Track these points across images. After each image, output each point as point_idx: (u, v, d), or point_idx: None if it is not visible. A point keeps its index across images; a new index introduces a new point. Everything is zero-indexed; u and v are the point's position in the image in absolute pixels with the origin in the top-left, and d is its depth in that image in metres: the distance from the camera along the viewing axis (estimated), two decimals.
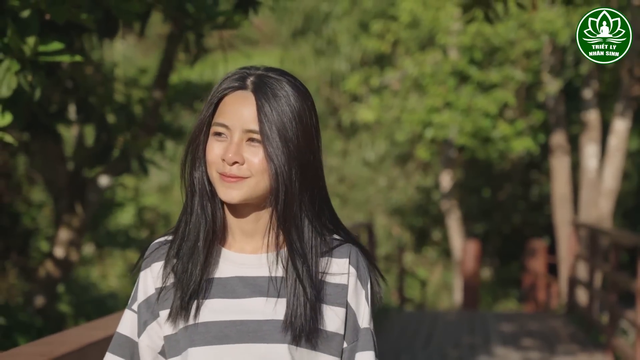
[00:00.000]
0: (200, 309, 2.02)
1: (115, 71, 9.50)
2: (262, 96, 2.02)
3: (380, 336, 11.41)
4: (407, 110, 16.60)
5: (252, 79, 2.03)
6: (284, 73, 2.08)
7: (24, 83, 3.78)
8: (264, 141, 2.00)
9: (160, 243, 2.10)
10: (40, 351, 2.55)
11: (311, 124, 2.06)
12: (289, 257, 2.03)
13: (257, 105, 2.01)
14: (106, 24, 4.23)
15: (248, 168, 2.01)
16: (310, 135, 2.05)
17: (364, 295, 2.09)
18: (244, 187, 2.01)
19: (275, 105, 2.02)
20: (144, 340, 2.06)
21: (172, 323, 2.03)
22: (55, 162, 7.40)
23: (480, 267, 19.56)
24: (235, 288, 2.03)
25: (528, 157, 20.18)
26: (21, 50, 3.76)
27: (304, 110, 2.05)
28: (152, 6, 4.31)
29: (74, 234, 7.38)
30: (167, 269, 2.05)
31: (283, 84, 2.04)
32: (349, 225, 15.21)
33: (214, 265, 2.06)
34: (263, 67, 2.08)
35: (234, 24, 4.53)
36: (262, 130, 2.00)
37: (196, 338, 2.00)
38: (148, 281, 2.08)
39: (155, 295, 2.06)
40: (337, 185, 22.53)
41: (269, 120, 2.01)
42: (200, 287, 2.02)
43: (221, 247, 2.08)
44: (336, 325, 2.05)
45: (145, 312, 2.06)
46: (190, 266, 2.03)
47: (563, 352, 10.59)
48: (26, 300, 7.72)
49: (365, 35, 19.53)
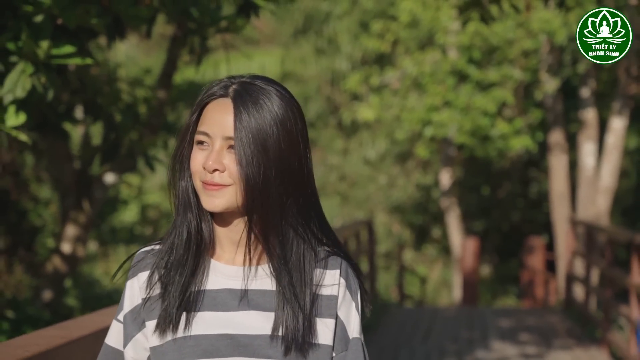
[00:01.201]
0: (190, 321, 1.98)
1: (119, 71, 9.69)
2: (241, 103, 2.00)
3: (380, 331, 11.60)
4: (407, 109, 16.78)
5: (235, 87, 2.02)
6: (271, 81, 2.06)
7: (38, 85, 3.97)
8: (236, 147, 1.97)
9: (147, 252, 2.06)
10: (59, 334, 2.75)
11: (296, 130, 2.02)
12: (274, 269, 2.00)
13: (234, 112, 1.99)
14: (114, 27, 4.43)
15: (229, 175, 1.98)
16: (295, 142, 2.02)
17: (354, 306, 2.07)
18: (226, 195, 1.98)
19: (254, 112, 1.99)
20: (128, 351, 2.02)
21: (159, 334, 1.99)
22: (62, 160, 7.61)
23: (480, 265, 19.74)
24: (226, 301, 2.00)
25: (527, 155, 20.35)
26: (35, 54, 3.96)
27: (287, 117, 2.02)
28: (158, 11, 4.51)
29: (81, 230, 7.59)
30: (153, 279, 2.02)
31: (266, 91, 2.02)
32: (349, 223, 15.40)
33: (204, 277, 2.02)
34: (249, 75, 2.06)
35: (237, 27, 4.73)
36: (236, 136, 1.97)
37: (186, 352, 1.97)
38: (134, 291, 2.04)
39: (141, 305, 2.02)
40: (337, 183, 22.72)
41: (245, 126, 1.98)
42: (189, 300, 1.99)
43: (210, 259, 2.05)
44: (326, 337, 2.02)
45: (131, 323, 2.03)
46: (177, 277, 2.00)
47: (559, 346, 10.77)
48: (34, 295, 7.93)
49: (365, 35, 19.71)
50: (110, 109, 6.63)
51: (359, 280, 2.09)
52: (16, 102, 4.06)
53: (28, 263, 9.87)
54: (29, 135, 5.54)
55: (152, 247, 2.07)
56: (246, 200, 1.99)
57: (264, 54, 22.86)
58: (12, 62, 4.07)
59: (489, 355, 10.24)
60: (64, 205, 7.82)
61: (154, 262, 2.04)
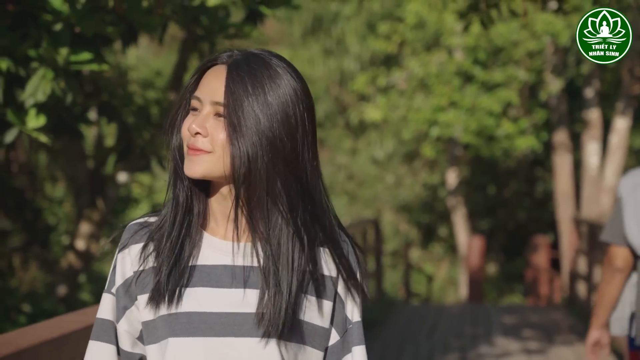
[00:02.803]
0: (182, 297, 1.89)
1: (130, 73, 9.96)
2: (235, 70, 1.89)
3: (386, 327, 11.82)
4: (413, 110, 16.99)
5: (237, 56, 1.92)
6: (281, 59, 1.94)
7: (57, 89, 4.24)
8: (224, 113, 1.88)
9: (141, 224, 1.96)
10: (79, 319, 3.01)
11: (295, 112, 1.91)
12: (255, 247, 1.90)
13: (226, 77, 1.89)
14: (129, 34, 4.70)
15: (210, 142, 1.88)
16: (292, 124, 1.90)
17: (355, 288, 1.99)
18: (206, 162, 1.89)
19: (249, 81, 1.89)
20: (122, 325, 1.94)
21: (151, 309, 1.90)
22: (76, 160, 7.88)
23: (486, 263, 19.96)
24: (221, 277, 1.90)
25: (532, 154, 20.54)
26: (54, 60, 4.23)
27: (287, 94, 1.91)
28: (170, 19, 4.78)
29: (94, 228, 7.86)
30: (146, 252, 1.92)
31: (269, 65, 1.91)
32: (356, 221, 15.61)
33: (197, 251, 1.93)
34: (262, 49, 1.95)
35: (244, 34, 4.99)
36: (225, 103, 1.88)
37: (177, 328, 1.87)
38: (126, 264, 1.94)
39: (134, 279, 1.92)
40: (345, 182, 22.95)
41: (234, 93, 1.88)
42: (183, 274, 1.90)
43: (204, 232, 1.95)
44: (322, 319, 1.95)
45: (124, 296, 1.93)
46: (169, 251, 1.90)
47: (561, 342, 10.97)
48: (49, 290, 8.20)
49: (372, 36, 19.94)
50: (123, 111, 6.90)
51: (361, 263, 2.01)
52: (37, 106, 4.33)
53: (43, 260, 10.14)
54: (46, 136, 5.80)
55: (145, 219, 1.97)
56: (231, 170, 1.88)
57: None
58: (33, 68, 4.36)
59: (492, 351, 10.44)
60: (78, 204, 8.09)
61: (147, 234, 1.94)
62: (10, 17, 4.41)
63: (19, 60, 4.33)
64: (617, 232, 4.41)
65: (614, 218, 4.42)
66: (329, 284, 1.96)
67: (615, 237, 4.42)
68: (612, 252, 4.43)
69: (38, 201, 10.63)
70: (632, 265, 4.45)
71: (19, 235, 10.12)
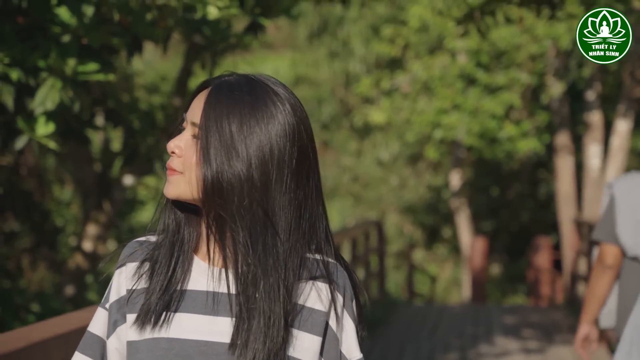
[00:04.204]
0: (168, 322, 1.85)
1: (136, 79, 10.18)
2: (217, 91, 1.85)
3: (388, 327, 11.98)
4: (417, 112, 17.15)
5: (226, 78, 1.88)
6: (275, 82, 1.89)
7: (65, 98, 4.46)
8: (199, 136, 1.84)
9: (140, 243, 1.94)
10: (87, 316, 3.22)
11: (275, 140, 1.84)
12: (228, 273, 1.85)
13: (206, 99, 1.85)
14: (133, 45, 4.92)
15: (182, 162, 1.85)
16: (268, 151, 1.83)
17: (351, 322, 1.90)
18: (179, 184, 1.85)
19: (227, 103, 1.84)
20: (112, 342, 1.91)
21: (136, 329, 1.87)
22: (84, 163, 8.11)
23: (489, 264, 20.12)
24: (206, 303, 1.85)
25: (536, 156, 20.69)
26: (63, 70, 4.45)
27: (267, 119, 1.84)
28: (173, 30, 5.00)
29: (101, 229, 8.08)
30: (140, 272, 1.89)
31: (256, 90, 1.86)
32: (360, 223, 15.80)
33: (188, 275, 1.88)
34: (256, 73, 1.91)
35: (244, 45, 5.21)
36: (201, 125, 1.84)
37: (158, 354, 1.84)
38: (121, 280, 1.92)
39: (127, 297, 1.90)
40: (350, 184, 23.14)
41: (211, 114, 1.84)
42: (171, 298, 1.86)
43: (194, 256, 1.90)
44: (307, 354, 1.86)
45: (116, 312, 1.91)
46: (161, 273, 1.87)
47: (560, 341, 11.12)
48: (57, 290, 8.42)
49: (376, 39, 20.11)
50: (129, 116, 7.12)
51: (356, 293, 1.92)
52: (46, 114, 4.55)
53: (51, 261, 10.36)
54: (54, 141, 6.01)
55: (146, 238, 1.95)
56: (199, 194, 1.83)
57: (277, 58, 23.28)
58: (43, 78, 4.58)
59: (492, 350, 10.59)
60: (86, 206, 8.31)
61: (145, 253, 1.92)
62: (21, 29, 4.65)
63: (28, 71, 4.57)
64: (608, 231, 4.61)
65: (606, 218, 4.62)
66: (318, 318, 1.87)
67: (606, 236, 4.61)
68: (603, 250, 4.61)
69: (46, 203, 10.85)
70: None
71: (28, 237, 10.34)
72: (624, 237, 4.53)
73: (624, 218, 4.54)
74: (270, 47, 23.67)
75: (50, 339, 2.91)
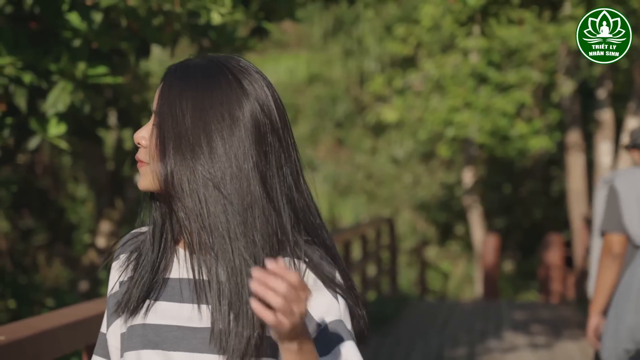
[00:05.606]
0: (148, 310, 1.83)
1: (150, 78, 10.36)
2: (170, 76, 1.80)
3: (399, 322, 12.15)
4: (429, 110, 17.27)
5: (182, 62, 1.83)
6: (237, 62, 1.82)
7: (76, 100, 4.66)
8: (155, 122, 1.79)
9: (132, 235, 1.93)
10: (97, 307, 3.41)
11: (233, 115, 1.76)
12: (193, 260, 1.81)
13: (161, 84, 1.81)
14: (141, 49, 5.12)
15: (147, 152, 1.81)
16: (227, 128, 1.77)
17: (326, 292, 1.82)
18: (147, 174, 1.81)
19: (180, 84, 1.78)
20: (110, 338, 1.90)
21: (121, 319, 1.86)
22: (97, 162, 8.32)
23: (502, 261, 20.24)
24: (183, 291, 1.83)
25: (548, 154, 20.79)
26: (73, 74, 4.65)
27: (223, 95, 1.77)
28: (180, 34, 5.19)
29: (114, 226, 8.29)
30: (128, 262, 1.88)
31: (210, 67, 1.79)
32: (372, 219, 15.94)
33: (169, 264, 1.86)
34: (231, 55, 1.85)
35: (249, 48, 5.40)
36: (157, 111, 1.79)
37: (135, 340, 1.82)
38: (114, 274, 1.91)
39: (118, 288, 1.89)
40: (364, 182, 23.31)
41: (164, 99, 1.78)
42: (152, 287, 1.84)
43: (177, 246, 1.87)
44: None
45: (112, 306, 1.89)
46: (143, 263, 1.85)
47: (568, 337, 11.25)
48: (71, 286, 8.63)
49: (389, 38, 20.26)
50: (140, 117, 7.31)
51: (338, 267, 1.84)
52: (57, 115, 4.76)
53: (66, 257, 10.58)
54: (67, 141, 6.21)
55: (139, 230, 1.93)
56: (159, 183, 1.80)
57: (292, 57, 23.45)
58: (54, 81, 4.80)
59: (500, 345, 10.74)
60: (99, 203, 8.53)
61: (135, 244, 1.91)
62: (33, 34, 4.86)
63: (41, 74, 4.78)
64: (614, 222, 4.78)
65: (610, 209, 4.79)
66: None
67: (613, 226, 4.77)
68: (610, 239, 4.76)
69: (61, 201, 11.07)
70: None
71: (44, 234, 10.56)
72: (632, 227, 4.70)
73: (630, 208, 4.72)
74: (286, 46, 23.84)
75: (59, 328, 3.09)
